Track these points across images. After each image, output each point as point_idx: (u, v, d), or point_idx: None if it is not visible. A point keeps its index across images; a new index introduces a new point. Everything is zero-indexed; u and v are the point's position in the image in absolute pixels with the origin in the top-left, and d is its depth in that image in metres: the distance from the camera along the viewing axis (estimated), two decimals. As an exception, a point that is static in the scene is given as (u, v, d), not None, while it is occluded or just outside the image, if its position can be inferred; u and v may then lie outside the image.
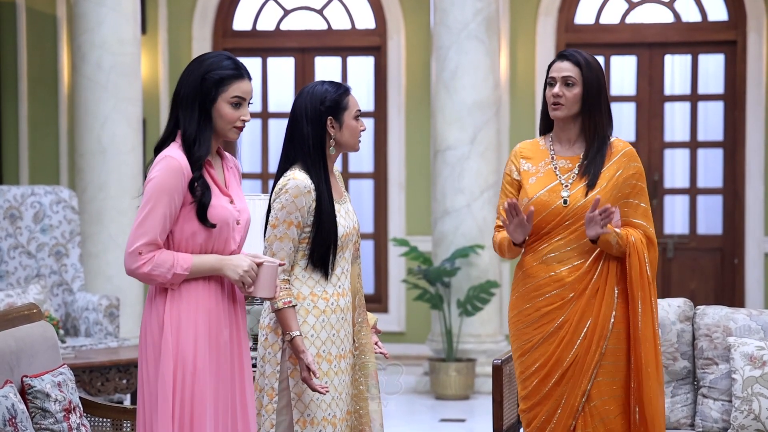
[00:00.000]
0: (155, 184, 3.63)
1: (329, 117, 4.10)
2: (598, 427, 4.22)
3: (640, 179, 4.28)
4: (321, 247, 4.06)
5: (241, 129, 3.78)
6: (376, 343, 4.31)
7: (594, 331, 4.20)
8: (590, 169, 4.23)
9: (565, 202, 4.23)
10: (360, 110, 4.18)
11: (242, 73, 3.74)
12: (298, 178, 4.05)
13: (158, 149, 3.74)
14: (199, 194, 3.67)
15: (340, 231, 4.10)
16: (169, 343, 3.64)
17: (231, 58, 3.75)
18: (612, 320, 4.20)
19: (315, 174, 4.08)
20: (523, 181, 4.32)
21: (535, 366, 4.28)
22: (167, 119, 3.78)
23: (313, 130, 4.10)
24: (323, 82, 4.16)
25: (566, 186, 4.25)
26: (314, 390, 3.98)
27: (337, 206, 4.12)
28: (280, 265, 3.83)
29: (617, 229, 4.18)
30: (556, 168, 4.29)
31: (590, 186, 4.21)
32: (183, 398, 3.65)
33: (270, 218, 4.07)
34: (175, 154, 3.66)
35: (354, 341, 4.22)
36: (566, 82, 4.24)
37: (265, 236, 4.10)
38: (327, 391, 4.00)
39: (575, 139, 4.32)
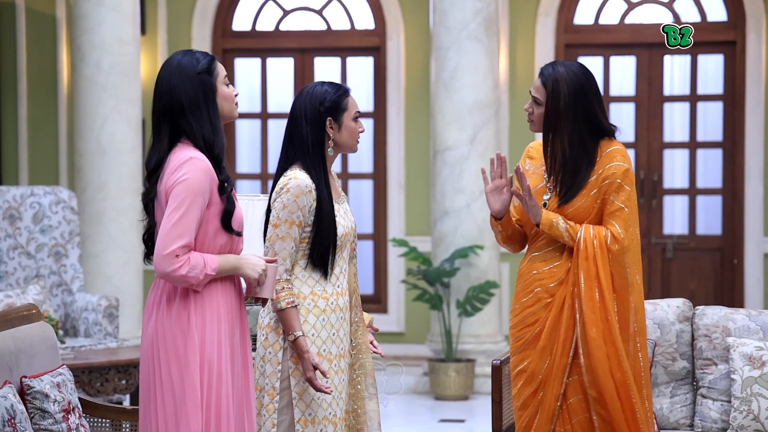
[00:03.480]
0: (188, 186, 3.60)
1: (328, 118, 4.12)
2: (574, 426, 4.23)
3: (620, 177, 4.20)
4: (321, 247, 4.08)
5: (237, 105, 3.84)
6: (371, 342, 4.32)
7: (562, 339, 4.20)
8: (564, 180, 4.24)
9: (545, 204, 4.27)
10: (359, 111, 4.20)
11: (214, 56, 3.80)
12: (299, 177, 4.06)
13: (153, 162, 3.72)
14: (227, 200, 3.68)
15: (340, 231, 4.11)
16: (195, 348, 3.63)
17: (192, 51, 3.78)
18: (578, 326, 4.19)
19: (315, 174, 4.10)
20: None
21: (517, 369, 4.33)
22: (158, 134, 3.72)
23: (312, 131, 4.11)
24: (323, 83, 4.17)
25: (550, 189, 4.29)
26: (319, 390, 3.99)
27: (336, 206, 4.14)
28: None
29: (569, 222, 4.19)
30: (546, 171, 4.33)
31: (569, 196, 4.22)
32: (209, 402, 3.66)
33: (271, 218, 4.08)
34: (198, 155, 3.66)
35: (351, 340, 4.23)
36: (535, 101, 4.27)
37: (265, 236, 4.11)
38: (331, 391, 4.01)
39: None
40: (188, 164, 3.63)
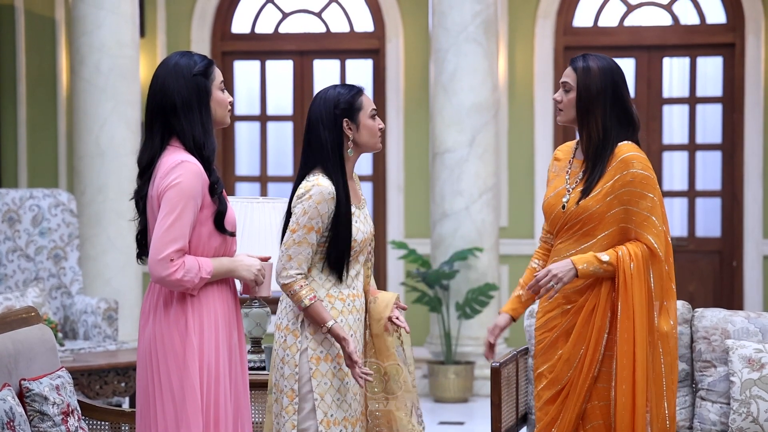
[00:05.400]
0: (181, 190, 3.61)
1: (345, 119, 4.12)
2: (588, 431, 4.21)
3: (639, 185, 4.16)
4: (337, 251, 4.08)
5: (230, 112, 3.85)
6: (396, 318, 4.30)
7: (585, 356, 4.19)
8: (586, 176, 4.23)
9: (563, 207, 4.24)
10: (375, 108, 4.20)
11: (212, 60, 3.80)
12: (322, 184, 4.06)
13: (145, 160, 3.73)
14: (218, 201, 3.68)
15: (360, 236, 4.12)
16: (194, 351, 3.64)
17: (190, 53, 3.79)
18: (604, 343, 4.17)
19: (334, 179, 4.09)
20: (548, 183, 4.38)
21: (538, 371, 4.33)
22: (150, 132, 3.73)
23: (331, 135, 4.11)
24: (335, 86, 4.18)
25: (569, 191, 4.26)
26: (358, 377, 4.02)
27: (357, 211, 4.15)
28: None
29: (603, 256, 4.13)
30: (568, 172, 4.31)
31: (584, 193, 4.20)
32: (208, 405, 3.67)
33: (291, 222, 4.08)
34: (189, 158, 3.66)
35: (366, 342, 4.24)
36: (564, 87, 4.26)
37: (282, 240, 4.10)
38: (370, 380, 4.05)
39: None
40: (179, 168, 3.63)
